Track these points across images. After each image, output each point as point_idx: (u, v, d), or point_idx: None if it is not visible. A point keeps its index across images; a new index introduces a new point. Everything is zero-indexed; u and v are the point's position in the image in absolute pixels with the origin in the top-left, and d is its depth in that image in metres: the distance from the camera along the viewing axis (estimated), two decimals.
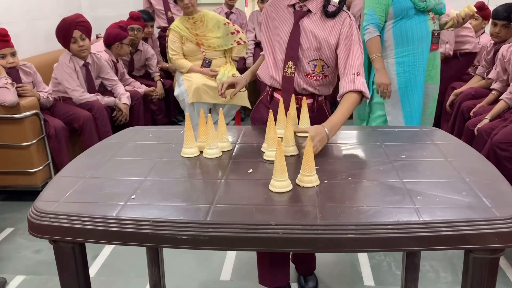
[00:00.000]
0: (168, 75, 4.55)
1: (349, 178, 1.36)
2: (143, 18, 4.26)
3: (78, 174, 1.44)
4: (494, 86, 3.22)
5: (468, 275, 1.17)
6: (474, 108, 3.20)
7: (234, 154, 1.58)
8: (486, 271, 1.14)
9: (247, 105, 3.90)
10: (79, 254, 1.26)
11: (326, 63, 1.77)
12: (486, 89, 3.39)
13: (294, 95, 1.73)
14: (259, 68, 1.94)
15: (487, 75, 3.46)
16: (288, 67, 1.78)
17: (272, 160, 1.41)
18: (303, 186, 1.30)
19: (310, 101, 1.80)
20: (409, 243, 1.11)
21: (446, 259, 2.34)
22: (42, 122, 3.03)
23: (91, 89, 3.45)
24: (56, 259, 1.27)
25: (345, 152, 1.59)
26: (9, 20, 3.64)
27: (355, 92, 1.68)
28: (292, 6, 1.76)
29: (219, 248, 1.16)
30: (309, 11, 1.74)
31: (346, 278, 2.25)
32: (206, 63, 3.89)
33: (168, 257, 2.25)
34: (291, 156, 1.52)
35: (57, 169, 3.10)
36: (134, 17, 4.15)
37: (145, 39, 4.43)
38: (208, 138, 1.54)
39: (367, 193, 1.28)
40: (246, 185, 1.36)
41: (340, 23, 1.71)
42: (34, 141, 2.98)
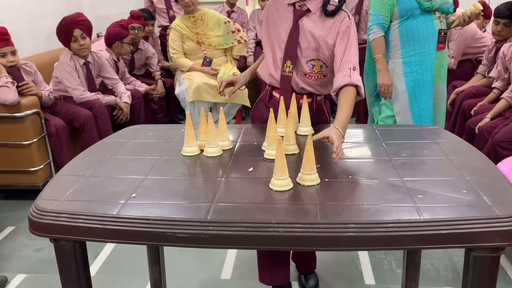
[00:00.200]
0: (169, 74, 4.55)
1: (350, 176, 1.36)
2: (143, 16, 4.26)
3: (78, 172, 1.44)
4: (495, 84, 3.22)
5: (468, 274, 1.16)
6: (475, 107, 3.19)
7: (234, 153, 1.58)
8: (487, 270, 1.14)
9: (247, 104, 3.90)
10: (80, 252, 1.26)
11: (324, 63, 1.76)
12: (487, 87, 3.38)
13: (294, 94, 1.73)
14: (259, 66, 1.94)
15: (488, 74, 3.46)
16: (286, 66, 1.77)
17: (272, 159, 1.41)
18: (303, 185, 1.30)
19: (309, 100, 1.79)
20: (409, 242, 1.11)
21: (447, 257, 2.34)
22: (43, 121, 3.04)
23: (91, 88, 3.45)
24: (57, 258, 1.27)
25: (345, 151, 1.59)
26: (10, 19, 3.64)
27: (351, 87, 1.64)
28: (292, 4, 1.76)
29: (219, 246, 1.16)
30: (308, 10, 1.73)
31: (346, 276, 2.25)
32: (207, 62, 3.89)
33: (169, 255, 2.25)
34: (291, 155, 1.52)
35: (58, 167, 3.10)
36: (134, 16, 4.15)
37: (146, 38, 4.43)
38: (209, 136, 1.54)
39: (367, 191, 1.28)
40: (246, 183, 1.36)
41: (338, 22, 1.70)
42: (35, 140, 2.98)
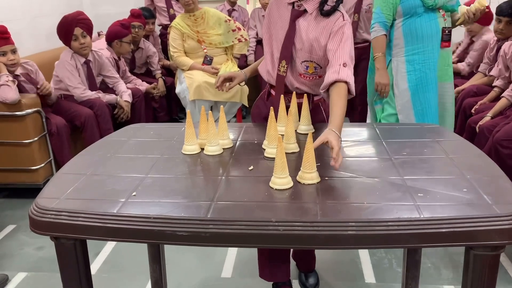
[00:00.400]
0: (170, 72, 4.55)
1: (350, 175, 1.36)
2: (144, 15, 4.26)
3: (79, 171, 1.44)
4: (496, 83, 3.22)
5: (468, 272, 1.17)
6: (476, 105, 3.19)
7: (235, 151, 1.59)
8: (487, 268, 1.14)
9: (245, 103, 3.90)
10: (81, 251, 1.26)
11: (318, 65, 1.74)
12: (488, 86, 3.38)
13: (294, 93, 1.73)
14: (260, 63, 1.95)
15: (489, 72, 3.46)
16: (281, 66, 1.77)
17: (272, 157, 1.41)
18: (303, 183, 1.30)
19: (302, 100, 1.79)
20: (409, 240, 1.11)
21: (447, 256, 2.34)
22: (44, 120, 3.04)
23: (92, 86, 3.45)
24: (57, 256, 1.27)
25: (345, 149, 1.59)
26: (11, 18, 3.64)
27: (341, 83, 1.57)
28: (291, 4, 1.75)
29: (220, 244, 1.17)
30: (305, 11, 1.72)
31: (347, 275, 2.25)
32: (207, 61, 3.89)
33: (170, 254, 2.26)
34: (291, 153, 1.52)
35: (59, 166, 3.10)
36: (135, 15, 4.15)
37: (146, 37, 4.43)
38: (209, 135, 1.54)
39: (367, 190, 1.28)
40: (247, 182, 1.36)
41: (332, 23, 1.66)
42: (36, 139, 2.99)
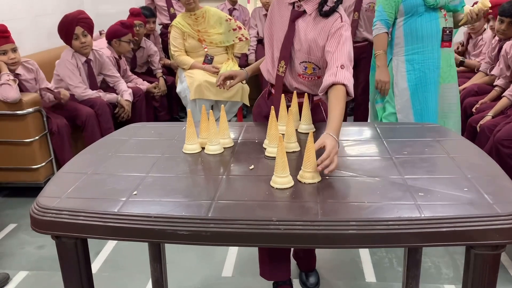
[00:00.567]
0: (170, 71, 4.55)
1: (350, 174, 1.36)
2: (144, 14, 4.26)
3: (80, 170, 1.44)
4: (497, 82, 3.21)
5: (469, 272, 1.17)
6: (477, 104, 3.19)
7: (235, 151, 1.59)
8: (488, 268, 1.14)
9: (246, 102, 3.90)
10: (82, 249, 1.26)
11: (317, 65, 1.74)
12: (489, 85, 3.37)
13: (295, 92, 1.73)
14: (262, 62, 1.95)
15: (490, 72, 3.45)
16: (280, 66, 1.77)
17: (273, 157, 1.41)
18: (304, 182, 1.30)
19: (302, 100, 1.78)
20: (410, 239, 1.11)
21: (448, 255, 2.34)
22: (45, 119, 3.04)
23: (93, 85, 3.45)
24: (58, 255, 1.27)
25: (346, 148, 1.59)
26: (12, 17, 3.64)
27: (339, 85, 1.54)
28: (292, 4, 1.75)
29: (220, 244, 1.17)
30: (304, 12, 1.71)
31: (347, 274, 2.25)
32: (208, 60, 3.89)
33: (170, 253, 2.26)
34: (292, 153, 1.52)
35: (60, 165, 3.10)
36: (134, 13, 4.15)
37: (147, 36, 4.43)
38: (210, 134, 1.55)
39: (368, 189, 1.28)
40: (247, 181, 1.36)
41: (330, 24, 1.65)
42: (37, 138, 2.99)
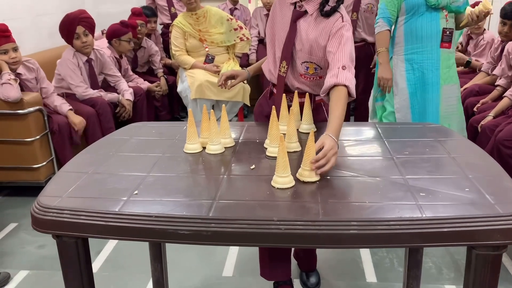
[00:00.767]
0: (171, 71, 4.56)
1: (352, 174, 1.36)
2: (145, 14, 4.27)
3: (81, 169, 1.44)
4: (499, 82, 3.21)
5: (470, 272, 1.16)
6: (478, 104, 3.18)
7: (236, 150, 1.59)
8: (489, 268, 1.14)
9: (247, 102, 3.90)
10: (82, 249, 1.26)
11: (318, 65, 1.73)
12: (490, 85, 3.37)
13: (296, 92, 1.73)
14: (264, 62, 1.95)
15: (492, 71, 3.45)
16: (282, 66, 1.77)
17: (274, 156, 1.41)
18: (303, 181, 1.30)
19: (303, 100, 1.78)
20: (411, 240, 1.11)
21: (449, 255, 2.34)
22: (46, 118, 3.04)
23: (94, 85, 3.45)
24: (59, 254, 1.27)
25: (347, 148, 1.59)
26: (13, 17, 3.65)
27: (341, 87, 1.54)
28: (293, 4, 1.74)
29: (221, 243, 1.17)
30: (306, 12, 1.71)
31: (348, 274, 2.25)
32: (209, 59, 3.89)
33: (171, 252, 2.26)
34: (293, 152, 1.52)
35: (61, 164, 3.11)
36: (136, 13, 4.16)
37: (148, 35, 4.43)
38: (211, 134, 1.54)
39: (369, 189, 1.28)
40: (248, 181, 1.36)
41: (331, 24, 1.65)
42: (38, 137, 2.99)
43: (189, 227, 1.13)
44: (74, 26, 3.23)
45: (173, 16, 4.54)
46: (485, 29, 3.96)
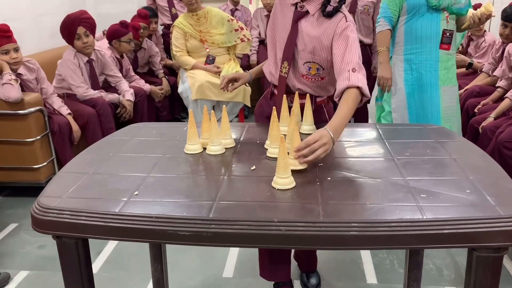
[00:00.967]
0: (172, 72, 4.56)
1: (352, 175, 1.36)
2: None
3: (81, 170, 1.44)
4: (500, 83, 3.21)
5: (471, 274, 1.16)
6: (479, 105, 3.18)
7: (237, 151, 1.58)
8: (490, 270, 1.14)
9: (248, 103, 3.90)
10: (82, 249, 1.26)
11: (320, 66, 1.72)
12: (491, 86, 3.37)
13: (297, 93, 1.73)
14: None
15: (492, 73, 3.45)
16: (283, 67, 1.77)
17: (275, 157, 1.41)
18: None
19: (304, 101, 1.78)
20: (412, 241, 1.11)
21: (450, 257, 2.33)
22: (46, 118, 3.04)
23: (95, 85, 3.45)
24: (59, 255, 1.27)
25: (348, 149, 1.59)
26: (14, 17, 3.65)
27: (353, 88, 1.54)
28: (294, 5, 1.74)
29: (221, 244, 1.16)
30: (307, 12, 1.70)
31: (348, 276, 2.25)
32: (210, 60, 3.89)
33: (171, 253, 2.26)
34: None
35: (61, 165, 3.11)
36: (142, 15, 4.15)
37: (149, 36, 4.43)
38: (212, 135, 1.54)
39: (370, 190, 1.28)
40: (249, 181, 1.36)
41: (334, 25, 1.64)
42: (38, 137, 2.99)
43: (189, 228, 1.12)
44: (75, 27, 3.23)
45: (174, 17, 4.54)
46: (485, 31, 3.95)
